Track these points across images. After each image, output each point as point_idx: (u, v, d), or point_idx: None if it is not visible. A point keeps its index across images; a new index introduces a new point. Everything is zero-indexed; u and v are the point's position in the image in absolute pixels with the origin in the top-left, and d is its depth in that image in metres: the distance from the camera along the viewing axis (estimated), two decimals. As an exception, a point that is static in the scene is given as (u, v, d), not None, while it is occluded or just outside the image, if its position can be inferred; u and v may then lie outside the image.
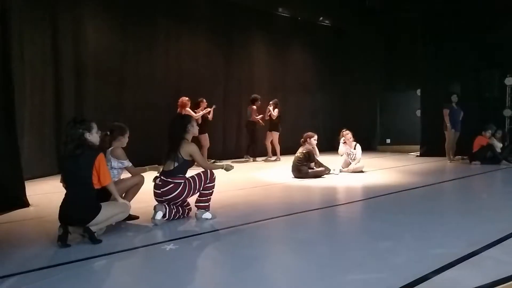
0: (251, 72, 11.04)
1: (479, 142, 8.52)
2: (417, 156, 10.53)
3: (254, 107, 9.73)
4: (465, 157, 9.10)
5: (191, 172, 4.04)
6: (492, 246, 3.05)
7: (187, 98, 8.43)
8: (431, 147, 10.14)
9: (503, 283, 2.37)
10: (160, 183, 3.91)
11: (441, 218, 4.10)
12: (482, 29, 9.63)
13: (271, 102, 10.03)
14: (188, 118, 4.20)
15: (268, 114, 9.94)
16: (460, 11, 9.91)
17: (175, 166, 3.90)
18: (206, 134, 8.77)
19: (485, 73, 9.70)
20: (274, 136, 9.97)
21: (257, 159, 9.88)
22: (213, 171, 4.06)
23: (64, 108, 7.59)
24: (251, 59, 11.07)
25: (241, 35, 10.79)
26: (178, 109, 8.26)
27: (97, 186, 3.38)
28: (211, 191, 4.04)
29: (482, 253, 2.91)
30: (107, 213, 3.37)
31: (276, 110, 9.91)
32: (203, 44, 10.02)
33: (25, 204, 4.73)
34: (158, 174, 4.01)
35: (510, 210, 4.47)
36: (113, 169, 3.97)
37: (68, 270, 2.75)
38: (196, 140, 5.88)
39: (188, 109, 8.33)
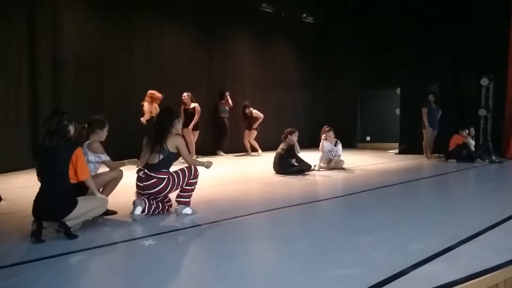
0: (234, 67, 10.97)
1: (455, 141, 8.73)
2: (395, 153, 10.70)
3: (224, 101, 10.01)
4: (441, 155, 9.31)
5: (173, 167, 3.99)
6: (468, 241, 3.12)
7: (154, 93, 7.91)
8: (410, 145, 10.34)
9: (478, 277, 2.43)
10: (144, 176, 3.83)
11: (418, 214, 4.17)
12: (461, 31, 9.83)
13: (247, 103, 10.16)
14: (176, 113, 4.22)
15: (249, 113, 10.01)
16: (439, 13, 10.09)
17: (160, 159, 3.83)
18: (197, 131, 8.81)
19: (463, 73, 9.92)
20: (253, 134, 10.21)
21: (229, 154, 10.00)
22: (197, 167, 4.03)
23: (41, 101, 7.38)
24: (234, 54, 11.00)
25: (224, 30, 10.71)
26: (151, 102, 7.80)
27: (73, 180, 3.30)
28: (193, 187, 4.01)
29: (458, 248, 2.97)
30: (84, 208, 3.29)
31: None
32: (185, 38, 9.90)
33: (-2, 198, 4.59)
34: (141, 167, 3.93)
35: (484, 206, 4.58)
36: (90, 163, 3.88)
37: (42, 266, 2.67)
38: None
39: (155, 104, 7.67)
